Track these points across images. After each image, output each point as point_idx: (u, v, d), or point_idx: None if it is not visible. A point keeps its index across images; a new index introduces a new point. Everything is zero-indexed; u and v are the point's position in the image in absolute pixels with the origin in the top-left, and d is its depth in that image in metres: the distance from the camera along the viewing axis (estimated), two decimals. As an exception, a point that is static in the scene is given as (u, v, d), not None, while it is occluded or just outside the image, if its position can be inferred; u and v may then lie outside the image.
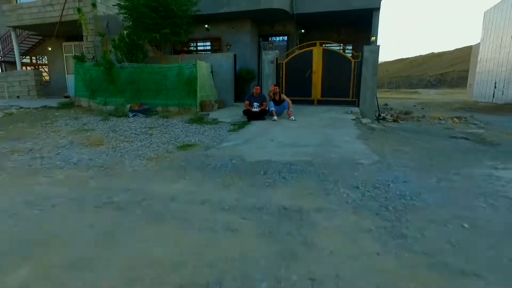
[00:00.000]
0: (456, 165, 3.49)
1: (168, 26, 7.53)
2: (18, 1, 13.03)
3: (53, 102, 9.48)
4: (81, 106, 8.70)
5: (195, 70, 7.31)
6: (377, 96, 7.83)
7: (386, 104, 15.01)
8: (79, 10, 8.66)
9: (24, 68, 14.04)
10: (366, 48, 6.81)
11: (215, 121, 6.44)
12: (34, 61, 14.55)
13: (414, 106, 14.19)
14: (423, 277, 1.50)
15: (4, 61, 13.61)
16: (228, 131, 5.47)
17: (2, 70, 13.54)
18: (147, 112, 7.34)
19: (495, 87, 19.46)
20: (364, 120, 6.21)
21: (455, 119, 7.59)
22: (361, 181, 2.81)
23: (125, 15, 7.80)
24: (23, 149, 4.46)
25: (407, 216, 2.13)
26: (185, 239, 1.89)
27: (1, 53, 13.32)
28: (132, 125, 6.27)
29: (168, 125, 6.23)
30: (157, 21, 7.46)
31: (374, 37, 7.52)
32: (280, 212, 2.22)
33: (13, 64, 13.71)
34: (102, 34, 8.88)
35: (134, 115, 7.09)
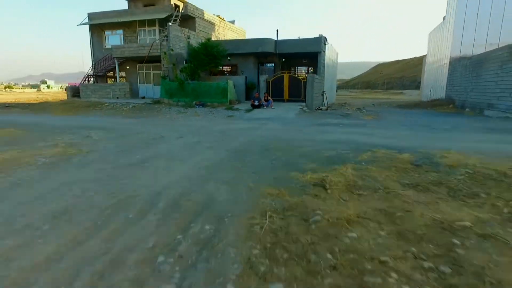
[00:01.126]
0: (320, 118, 11.18)
1: (213, 63, 15.31)
2: (106, 40, 20.87)
3: (144, 101, 17.22)
4: (165, 103, 16.42)
5: (226, 85, 15.04)
6: (364, 96, 15.51)
7: (345, 102, 22.67)
8: (165, 53, 16.45)
9: (108, 80, 21.87)
10: (308, 75, 14.53)
11: (237, 109, 14.15)
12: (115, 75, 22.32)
13: (372, 104, 21.83)
14: (278, 131, 9.20)
15: (96, 75, 21.38)
16: (245, 112, 13.19)
17: (95, 82, 21.30)
18: (203, 105, 15.07)
19: (430, 90, 27.32)
20: (304, 109, 13.91)
21: (354, 108, 15.27)
22: (284, 121, 10.53)
23: (191, 57, 15.59)
24: (172, 116, 12.15)
25: (286, 124, 9.84)
26: (242, 124, 9.57)
27: (95, 71, 21.11)
28: (201, 110, 13.97)
29: (217, 110, 13.92)
30: (207, 61, 15.23)
31: (312, 69, 15.27)
32: (261, 123, 9.95)
33: (102, 77, 21.56)
34: (174, 64, 16.63)
35: (198, 107, 14.82)
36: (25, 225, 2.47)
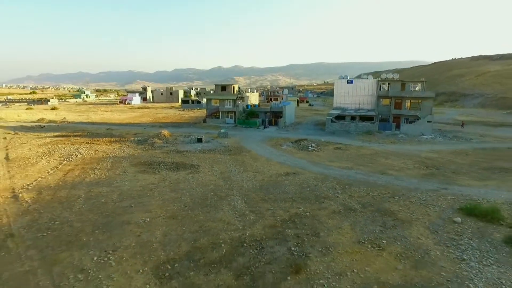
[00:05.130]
0: (280, 131, 50.87)
1: (253, 115, 55.60)
2: (205, 102, 61.51)
3: (230, 125, 57.22)
4: (238, 126, 56.26)
5: (256, 121, 55.14)
6: (321, 112, 55.29)
7: (297, 122, 62.81)
8: (238, 111, 56.40)
9: (212, 116, 62.37)
10: (279, 119, 54.39)
11: (260, 128, 53.97)
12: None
13: (312, 120, 61.81)
14: (269, 134, 49.03)
15: (210, 114, 61.13)
16: (262, 129, 53.08)
17: (209, 117, 61.17)
18: (251, 127, 55.01)
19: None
20: (277, 128, 53.70)
21: (293, 125, 54.85)
22: (271, 132, 50.37)
23: (245, 111, 55.87)
24: (245, 130, 51.93)
25: (271, 133, 49.60)
26: (262, 133, 49.15)
27: (209, 112, 60.98)
28: (250, 129, 53.69)
29: (254, 129, 53.68)
30: (251, 114, 55.51)
31: (283, 115, 55.02)
32: (265, 132, 49.74)
33: (210, 116, 62.20)
34: (240, 114, 56.64)
35: (249, 128, 54.75)
36: (253, 138, 42.35)
